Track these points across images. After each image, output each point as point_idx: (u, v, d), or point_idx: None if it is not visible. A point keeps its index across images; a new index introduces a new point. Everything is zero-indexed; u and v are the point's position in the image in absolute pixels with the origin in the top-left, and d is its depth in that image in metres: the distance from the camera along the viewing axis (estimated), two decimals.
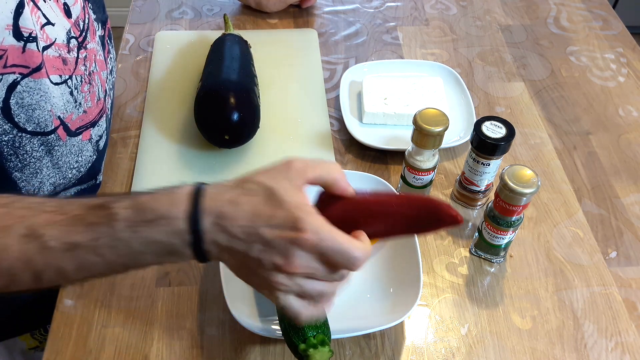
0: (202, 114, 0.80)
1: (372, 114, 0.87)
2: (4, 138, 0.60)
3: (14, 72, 0.56)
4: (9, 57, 0.55)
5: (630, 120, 0.93)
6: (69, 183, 0.71)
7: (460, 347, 0.66)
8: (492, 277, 0.73)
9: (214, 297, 0.69)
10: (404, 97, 0.89)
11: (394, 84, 0.91)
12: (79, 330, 0.66)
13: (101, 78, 0.74)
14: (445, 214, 0.49)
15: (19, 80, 0.57)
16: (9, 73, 0.56)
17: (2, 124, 0.59)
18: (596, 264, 0.74)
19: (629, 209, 0.81)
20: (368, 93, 0.90)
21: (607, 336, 0.68)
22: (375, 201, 0.52)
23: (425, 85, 0.91)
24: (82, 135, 0.70)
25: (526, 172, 0.64)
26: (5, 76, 0.56)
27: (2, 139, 0.60)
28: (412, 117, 0.72)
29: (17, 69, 0.56)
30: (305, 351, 0.56)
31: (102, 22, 0.76)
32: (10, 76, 0.56)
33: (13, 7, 0.54)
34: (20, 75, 0.57)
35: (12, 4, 0.54)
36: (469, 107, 0.90)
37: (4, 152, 0.61)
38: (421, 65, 0.98)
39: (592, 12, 1.15)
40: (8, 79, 0.56)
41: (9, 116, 0.58)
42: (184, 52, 1.00)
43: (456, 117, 0.89)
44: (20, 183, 0.65)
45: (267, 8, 1.09)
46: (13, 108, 0.58)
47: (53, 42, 0.61)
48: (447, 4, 1.15)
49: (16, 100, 0.58)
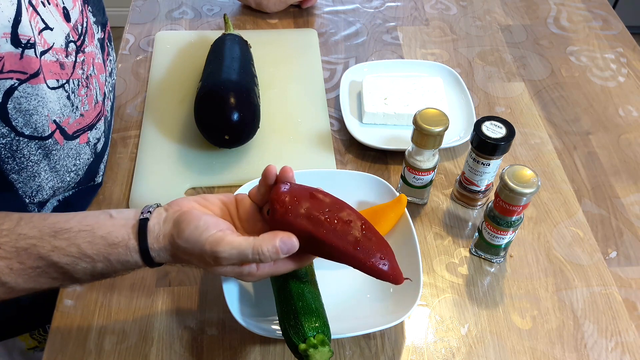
0: (202, 114, 0.80)
1: (372, 114, 0.87)
2: (1, 141, 0.59)
3: (12, 77, 0.56)
4: (6, 63, 0.55)
5: (630, 120, 0.93)
6: (68, 186, 0.71)
7: (460, 347, 0.66)
8: (492, 277, 0.73)
9: (214, 297, 0.69)
10: (404, 97, 0.89)
11: (394, 84, 0.91)
12: (79, 330, 0.66)
13: (99, 81, 0.74)
14: (388, 278, 0.55)
15: (17, 86, 0.57)
16: (6, 79, 0.56)
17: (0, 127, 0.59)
18: (596, 264, 0.74)
19: (629, 209, 0.81)
20: (368, 93, 0.90)
21: (607, 336, 0.68)
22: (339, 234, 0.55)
23: (425, 85, 0.91)
24: (80, 139, 0.70)
25: (526, 172, 0.64)
26: (2, 81, 0.56)
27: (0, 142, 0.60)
28: (412, 117, 0.72)
29: (15, 75, 0.56)
30: (305, 351, 0.56)
31: (101, 25, 0.76)
32: (8, 81, 0.56)
33: (12, 16, 0.54)
34: (18, 80, 0.57)
35: (9, 13, 0.53)
36: (469, 107, 0.90)
37: (1, 155, 0.61)
38: (421, 65, 0.98)
39: (592, 12, 1.15)
40: (5, 84, 0.56)
41: (6, 120, 0.58)
42: (184, 52, 1.00)
43: (456, 117, 0.89)
44: (17, 184, 0.65)
45: (267, 8, 1.09)
46: (10, 112, 0.58)
47: (51, 47, 0.61)
48: (447, 4, 1.15)
49: (13, 105, 0.58)
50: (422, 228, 0.77)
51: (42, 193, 0.68)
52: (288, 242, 0.53)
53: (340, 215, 0.55)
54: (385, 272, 0.54)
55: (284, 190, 0.56)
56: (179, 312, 0.68)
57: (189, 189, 0.80)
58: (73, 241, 0.53)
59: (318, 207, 0.55)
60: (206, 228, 0.53)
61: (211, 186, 0.81)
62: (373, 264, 0.54)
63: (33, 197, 0.67)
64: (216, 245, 0.52)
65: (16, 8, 0.54)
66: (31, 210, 0.69)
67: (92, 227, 0.54)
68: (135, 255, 0.54)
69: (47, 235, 0.53)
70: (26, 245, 0.52)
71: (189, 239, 0.53)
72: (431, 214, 0.79)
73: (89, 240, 0.53)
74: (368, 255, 0.54)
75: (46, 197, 0.69)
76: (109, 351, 0.64)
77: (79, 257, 0.53)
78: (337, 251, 0.54)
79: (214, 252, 0.52)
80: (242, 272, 0.55)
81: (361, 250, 0.54)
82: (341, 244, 0.54)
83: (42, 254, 0.52)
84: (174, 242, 0.54)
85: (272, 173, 0.57)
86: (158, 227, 0.55)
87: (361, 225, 0.55)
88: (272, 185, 0.58)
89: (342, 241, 0.54)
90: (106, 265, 0.54)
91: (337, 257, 0.55)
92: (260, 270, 0.55)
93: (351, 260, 0.54)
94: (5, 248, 0.52)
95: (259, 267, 0.55)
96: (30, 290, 0.55)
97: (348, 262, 0.55)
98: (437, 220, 0.78)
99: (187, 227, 0.53)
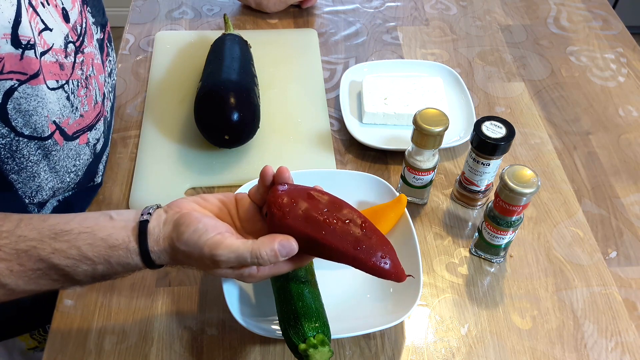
0: (202, 114, 0.80)
1: (372, 114, 0.87)
2: (0, 141, 0.59)
3: (12, 78, 0.56)
4: (6, 64, 0.55)
5: (630, 120, 0.93)
6: (68, 187, 0.71)
7: (460, 347, 0.66)
8: (492, 277, 0.73)
9: (214, 297, 0.69)
10: (404, 97, 0.89)
11: (394, 84, 0.91)
12: (79, 330, 0.66)
13: (99, 82, 0.74)
14: (390, 277, 0.54)
15: (17, 87, 0.57)
16: (6, 79, 0.56)
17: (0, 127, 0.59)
18: (596, 264, 0.74)
19: (629, 209, 0.81)
20: (368, 93, 0.90)
21: (607, 336, 0.68)
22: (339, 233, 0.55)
23: (425, 86, 0.91)
24: (79, 139, 0.70)
25: (526, 172, 0.64)
26: (2, 82, 0.55)
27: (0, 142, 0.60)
28: (412, 117, 0.72)
29: (15, 76, 0.56)
30: (305, 351, 0.56)
31: (101, 26, 0.76)
32: (7, 82, 0.56)
33: (12, 17, 0.54)
34: (18, 81, 0.57)
35: (9, 14, 0.53)
36: (468, 106, 0.90)
37: (0, 155, 0.60)
38: (421, 65, 0.98)
39: (592, 12, 1.15)
40: (5, 85, 0.56)
41: (6, 120, 0.58)
42: (184, 52, 1.00)
43: (456, 117, 0.89)
44: (17, 185, 0.65)
45: (267, 8, 1.09)
46: (10, 113, 0.58)
47: (50, 48, 0.61)
48: (447, 4, 1.15)
49: (13, 106, 0.58)
50: (422, 228, 0.77)
51: (41, 193, 0.68)
52: (287, 245, 0.52)
53: (339, 215, 0.55)
54: (387, 270, 0.54)
55: (281, 192, 0.56)
56: (179, 312, 0.68)
57: (189, 189, 0.80)
58: (73, 243, 0.53)
59: (316, 208, 0.55)
60: (205, 231, 0.53)
61: (211, 186, 0.81)
62: (374, 264, 0.54)
63: (33, 197, 0.67)
64: (215, 248, 0.52)
65: (16, 9, 0.54)
66: (31, 210, 0.69)
67: (92, 229, 0.54)
68: (135, 258, 0.54)
69: (47, 238, 0.53)
70: (26, 248, 0.52)
71: (188, 242, 0.53)
72: (431, 214, 0.79)
73: (90, 242, 0.53)
74: (369, 255, 0.54)
75: (46, 198, 0.69)
76: (109, 351, 0.64)
77: (80, 260, 0.53)
78: (337, 252, 0.54)
79: (213, 256, 0.52)
80: (242, 274, 0.55)
81: (362, 251, 0.54)
82: (341, 245, 0.53)
83: (43, 256, 0.52)
84: (173, 244, 0.54)
85: (268, 174, 0.57)
86: (158, 229, 0.55)
87: (361, 224, 0.55)
88: (270, 186, 0.58)
89: (342, 242, 0.53)
90: (107, 267, 0.54)
91: (337, 258, 0.54)
92: (260, 272, 0.55)
93: (352, 261, 0.54)
94: (6, 250, 0.52)
95: (259, 269, 0.55)
96: (31, 292, 0.55)
97: (349, 262, 0.54)
98: (437, 220, 0.78)
99: (186, 229, 0.53)
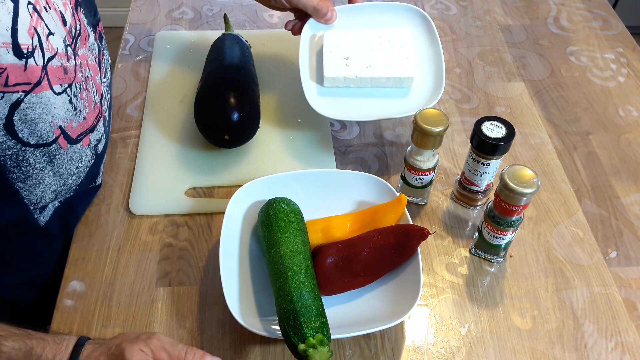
0: (202, 114, 0.80)
1: (332, 78, 0.83)
2: (7, 152, 0.60)
3: (18, 90, 0.56)
4: (11, 76, 0.55)
5: (630, 120, 0.93)
6: (69, 189, 0.71)
7: (460, 347, 0.66)
8: (492, 277, 0.73)
9: (214, 297, 0.69)
10: (367, 55, 0.85)
11: (358, 38, 0.86)
12: (79, 330, 0.66)
13: (96, 82, 0.74)
14: (414, 230, 0.66)
15: (23, 98, 0.57)
16: (13, 92, 0.56)
17: (6, 140, 0.59)
18: (596, 264, 0.74)
19: (629, 209, 0.81)
20: (329, 52, 0.85)
21: (607, 336, 0.68)
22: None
23: (392, 40, 0.86)
24: (83, 142, 0.70)
25: (526, 172, 0.64)
26: (8, 95, 0.56)
27: (6, 153, 0.60)
28: (373, 80, 0.73)
29: (21, 87, 0.56)
30: (304, 351, 0.56)
31: (93, 26, 0.76)
32: (14, 95, 0.56)
33: (9, 25, 0.53)
34: (24, 92, 0.57)
35: (6, 22, 0.53)
36: (438, 60, 0.85)
37: (7, 165, 0.61)
38: (390, 9, 0.91)
39: (592, 12, 1.15)
40: (11, 98, 0.56)
41: (12, 132, 0.58)
42: (184, 52, 1.00)
43: (424, 73, 0.85)
44: (23, 193, 0.65)
45: None
46: (16, 124, 0.58)
47: (56, 53, 0.61)
48: (447, 4, 1.15)
49: (19, 117, 0.58)
50: None
51: (45, 198, 0.68)
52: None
53: (372, 262, 0.66)
54: (414, 249, 0.67)
55: (329, 264, 0.65)
56: (179, 312, 0.68)
57: (189, 188, 0.80)
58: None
59: (355, 271, 0.66)
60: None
61: (211, 186, 0.81)
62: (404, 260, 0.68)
63: (37, 203, 0.68)
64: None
65: (12, 17, 0.54)
66: (33, 213, 0.69)
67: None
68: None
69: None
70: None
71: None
72: (431, 214, 0.79)
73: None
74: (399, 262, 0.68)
75: (48, 201, 0.69)
76: None
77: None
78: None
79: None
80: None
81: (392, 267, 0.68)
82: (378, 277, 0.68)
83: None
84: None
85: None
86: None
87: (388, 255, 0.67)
88: (316, 255, 0.67)
89: (378, 276, 0.68)
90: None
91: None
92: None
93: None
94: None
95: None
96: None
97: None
98: (437, 220, 0.78)
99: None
